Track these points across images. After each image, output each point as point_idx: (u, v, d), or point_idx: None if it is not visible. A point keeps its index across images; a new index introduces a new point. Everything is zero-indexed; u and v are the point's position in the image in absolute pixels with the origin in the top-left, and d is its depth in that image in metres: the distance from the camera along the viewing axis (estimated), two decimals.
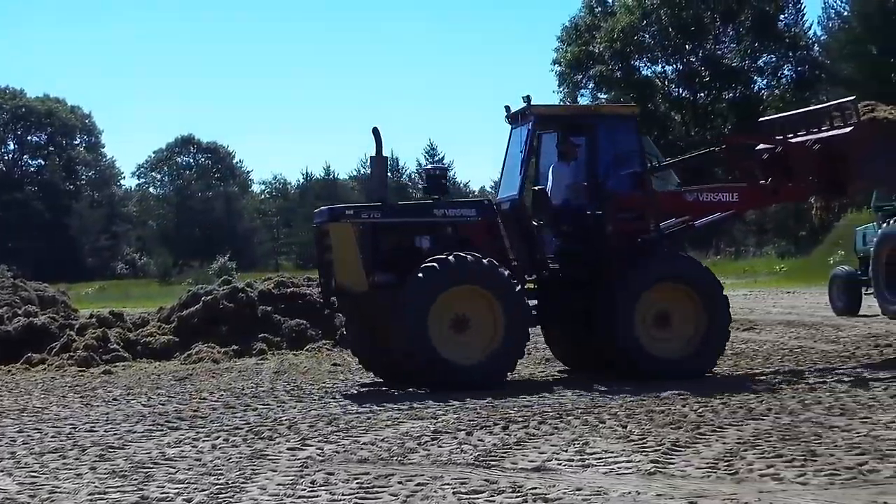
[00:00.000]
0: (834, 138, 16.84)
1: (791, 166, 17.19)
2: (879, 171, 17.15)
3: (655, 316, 15.74)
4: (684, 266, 16.33)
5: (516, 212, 16.18)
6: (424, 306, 14.93)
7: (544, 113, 16.84)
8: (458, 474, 9.18)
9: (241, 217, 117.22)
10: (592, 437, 10.71)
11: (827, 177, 17.06)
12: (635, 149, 16.34)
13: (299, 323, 22.60)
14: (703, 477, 8.77)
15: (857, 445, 9.70)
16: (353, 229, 15.70)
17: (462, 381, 14.74)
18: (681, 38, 78.46)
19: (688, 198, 16.95)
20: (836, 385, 13.85)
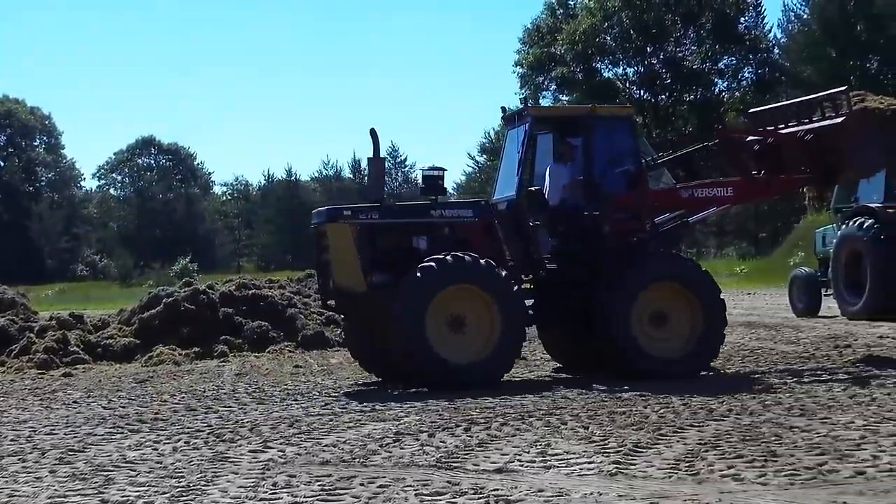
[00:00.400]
0: (826, 128, 16.96)
1: (783, 157, 17.31)
2: (871, 159, 17.31)
3: (652, 315, 15.86)
4: (681, 266, 16.53)
5: (513, 212, 16.24)
6: (422, 306, 14.99)
7: (541, 114, 17.04)
8: (421, 476, 9.18)
9: (203, 219, 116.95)
10: (554, 438, 10.72)
11: (819, 167, 17.21)
12: (631, 149, 16.47)
13: (261, 325, 22.56)
14: (664, 478, 8.80)
15: (817, 446, 9.75)
16: (351, 230, 15.76)
17: (459, 381, 14.80)
18: (642, 41, 78.72)
19: (683, 194, 17.06)
20: (796, 385, 13.93)
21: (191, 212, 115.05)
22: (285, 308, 23.44)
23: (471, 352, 15.26)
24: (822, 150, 16.96)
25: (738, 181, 17.38)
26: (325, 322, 23.52)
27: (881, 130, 16.97)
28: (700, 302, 15.91)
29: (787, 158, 17.25)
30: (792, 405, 12.21)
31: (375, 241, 15.95)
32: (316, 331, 22.65)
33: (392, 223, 16.25)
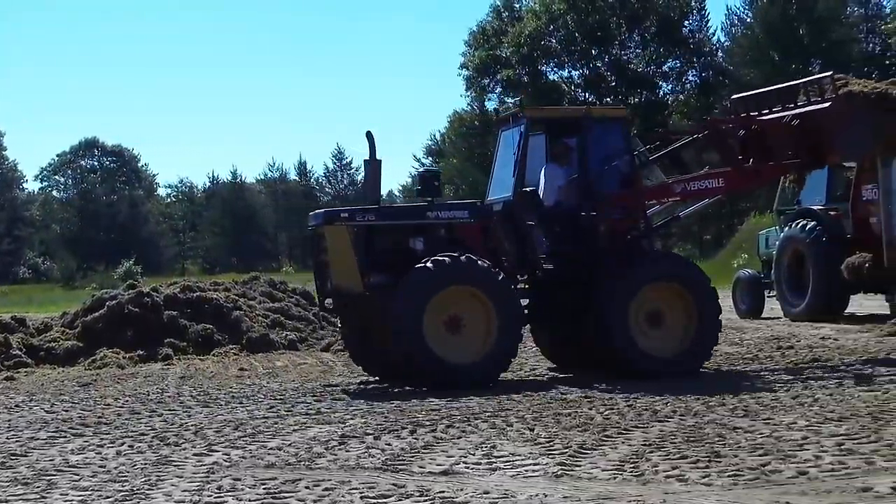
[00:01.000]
0: (812, 113, 17.15)
1: (768, 144, 17.51)
2: (858, 142, 17.54)
3: (648, 314, 16.02)
4: (678, 265, 16.82)
5: (509, 213, 16.35)
6: (420, 306, 15.12)
7: (536, 115, 17.19)
8: (366, 479, 9.16)
9: (147, 221, 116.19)
10: (500, 440, 10.74)
11: (806, 151, 17.39)
12: (625, 149, 16.62)
13: (206, 327, 22.45)
14: (609, 479, 8.83)
15: (760, 446, 9.82)
16: (349, 231, 15.89)
17: (457, 381, 14.89)
18: (587, 44, 79.07)
19: (676, 189, 17.25)
20: (739, 387, 14.01)
21: (135, 214, 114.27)
22: (230, 311, 23.34)
23: (468, 352, 15.39)
24: (809, 135, 17.19)
25: (729, 171, 17.54)
26: (270, 325, 23.45)
27: (866, 114, 17.23)
28: (696, 302, 16.10)
29: (772, 144, 17.48)
30: (735, 406, 12.30)
31: (373, 243, 16.08)
32: (261, 333, 22.57)
33: (389, 224, 16.38)
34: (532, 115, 16.96)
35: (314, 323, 24.54)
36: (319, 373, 18.07)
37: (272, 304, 24.98)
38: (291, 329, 23.50)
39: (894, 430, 10.32)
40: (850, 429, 10.50)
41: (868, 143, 17.70)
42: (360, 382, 16.62)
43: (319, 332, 23.98)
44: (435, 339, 15.18)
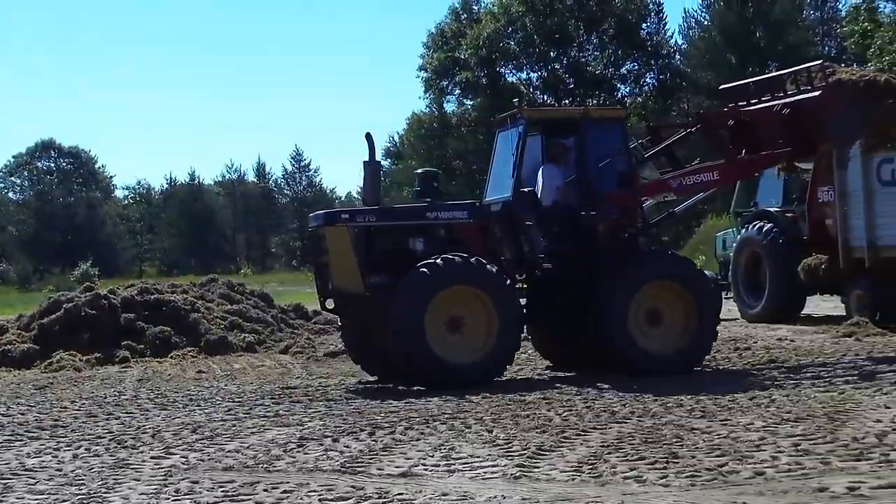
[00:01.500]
0: (803, 101, 17.32)
1: (758, 133, 17.65)
2: (849, 130, 17.70)
3: (647, 313, 16.19)
4: (677, 264, 16.95)
5: (508, 213, 16.48)
6: (422, 306, 15.27)
7: (535, 116, 17.38)
8: (325, 481, 9.15)
9: (104, 223, 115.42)
10: (458, 442, 10.75)
11: (797, 139, 17.55)
12: (623, 148, 16.76)
13: (163, 330, 22.33)
14: (567, 480, 8.86)
15: (718, 447, 9.87)
16: (349, 232, 15.99)
17: (457, 380, 14.98)
18: (545, 46, 79.15)
19: (672, 184, 17.42)
20: (696, 388, 14.07)
21: (92, 216, 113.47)
22: (188, 313, 23.23)
23: (468, 351, 15.56)
24: (800, 123, 17.36)
25: (723, 164, 17.72)
26: (228, 327, 23.36)
27: (856, 102, 17.41)
28: (696, 301, 16.29)
29: (763, 134, 17.65)
30: (693, 407, 12.35)
31: (373, 243, 16.21)
32: (219, 336, 22.48)
33: (389, 225, 16.52)
34: (531, 115, 17.14)
35: (272, 325, 24.47)
36: (278, 375, 18.03)
37: (230, 306, 24.89)
38: (250, 331, 23.42)
39: (850, 431, 10.39)
40: (806, 429, 10.57)
41: (859, 131, 17.90)
42: (358, 382, 16.75)
43: (278, 335, 23.92)
44: (435, 339, 15.32)
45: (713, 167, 17.68)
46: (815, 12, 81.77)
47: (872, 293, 21.49)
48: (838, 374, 15.07)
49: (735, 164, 17.85)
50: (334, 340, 24.37)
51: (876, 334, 19.88)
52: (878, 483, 8.19)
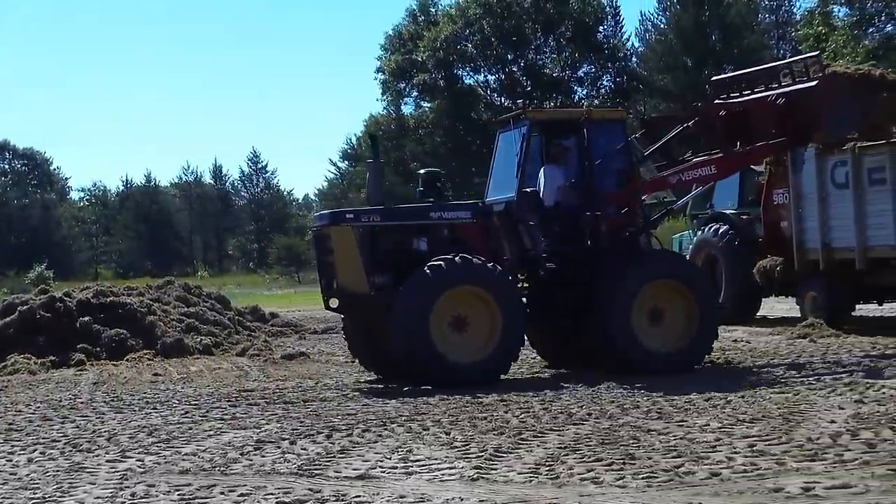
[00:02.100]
0: (800, 92, 17.41)
1: (752, 123, 17.77)
2: (844, 121, 17.86)
3: (649, 312, 16.38)
4: (679, 264, 17.46)
5: (511, 213, 16.64)
6: (427, 306, 15.41)
7: (538, 117, 17.52)
8: (282, 484, 9.13)
9: (59, 225, 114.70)
10: (416, 444, 10.75)
11: (791, 129, 17.66)
12: (624, 148, 16.95)
13: (119, 332, 22.18)
14: (525, 482, 8.87)
15: (674, 448, 9.91)
16: (354, 232, 16.15)
17: (461, 380, 15.13)
18: (502, 48, 79.30)
19: (672, 180, 17.59)
20: (653, 389, 14.13)
21: (47, 218, 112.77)
22: (144, 315, 23.09)
23: (472, 351, 15.70)
24: (795, 113, 17.45)
25: (720, 157, 17.84)
26: (184, 329, 23.25)
27: (852, 93, 17.64)
28: (697, 300, 16.50)
29: (756, 124, 17.76)
30: (649, 409, 12.40)
31: (377, 243, 16.36)
32: (175, 338, 22.35)
33: (393, 225, 16.70)
34: (534, 117, 17.32)
35: (229, 327, 24.39)
36: (234, 378, 17.95)
37: (187, 308, 24.78)
38: (206, 334, 23.31)
39: (804, 432, 10.46)
40: (761, 430, 10.64)
41: (853, 123, 18.07)
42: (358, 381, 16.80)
43: (234, 337, 23.84)
44: (440, 339, 15.47)
45: (710, 161, 17.84)
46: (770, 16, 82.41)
47: (826, 294, 21.65)
48: (793, 375, 15.16)
49: (732, 157, 17.99)
50: (291, 343, 24.40)
51: (830, 335, 20.02)
52: (832, 483, 8.25)
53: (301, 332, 27.29)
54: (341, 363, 19.65)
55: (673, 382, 14.67)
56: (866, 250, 20.79)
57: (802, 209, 22.23)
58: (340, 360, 20.12)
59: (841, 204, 21.24)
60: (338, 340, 24.98)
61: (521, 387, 15.00)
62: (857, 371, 15.10)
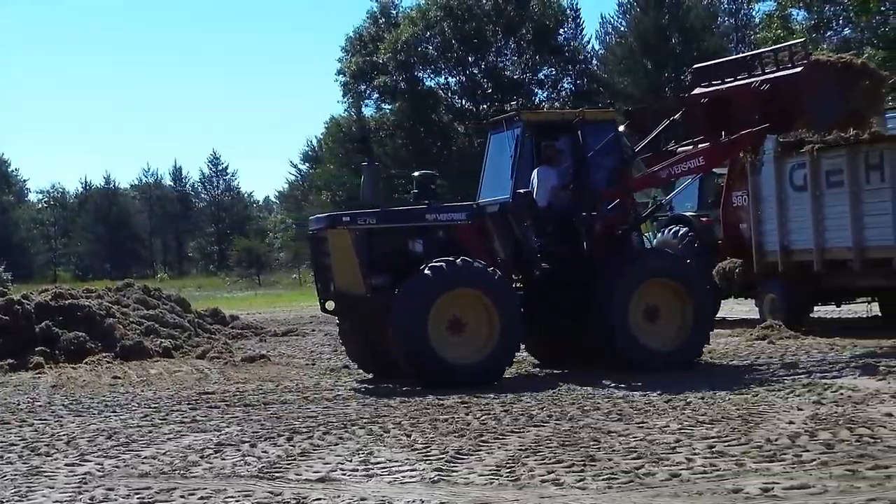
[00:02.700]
0: (784, 78, 17.59)
1: (734, 110, 17.97)
2: (827, 107, 18.02)
3: (645, 311, 16.60)
4: (675, 262, 17.63)
5: (505, 214, 16.81)
6: (425, 307, 15.57)
7: (533, 119, 17.72)
8: (242, 487, 9.11)
9: (18, 227, 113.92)
10: (377, 446, 10.75)
11: (773, 115, 17.82)
12: (616, 149, 17.22)
13: (78, 335, 22.02)
14: (485, 484, 8.89)
15: (634, 449, 9.96)
16: (351, 235, 16.29)
17: (458, 381, 15.22)
18: (463, 51, 79.31)
19: (662, 175, 17.92)
20: (613, 390, 14.18)
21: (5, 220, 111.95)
22: (103, 318, 22.94)
23: (470, 352, 15.87)
24: (779, 100, 17.62)
25: (707, 148, 18.06)
26: (144, 332, 23.11)
27: (835, 81, 17.84)
28: (693, 298, 16.72)
29: (738, 112, 17.94)
30: (610, 410, 12.45)
31: (373, 245, 16.48)
32: (135, 341, 22.21)
33: (389, 227, 16.84)
34: (528, 118, 17.49)
35: (189, 330, 24.27)
36: (195, 380, 17.88)
37: (146, 311, 24.64)
38: (166, 336, 23.18)
39: (763, 433, 10.53)
40: (720, 431, 10.70)
41: (836, 109, 18.19)
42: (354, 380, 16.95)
43: (195, 340, 23.72)
44: (437, 340, 15.60)
45: (698, 153, 18.04)
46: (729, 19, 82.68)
47: (785, 296, 21.78)
48: (752, 376, 15.25)
49: (720, 147, 18.20)
50: (252, 345, 24.32)
51: (789, 337, 20.13)
52: (790, 484, 8.31)
53: (261, 334, 27.19)
54: (302, 365, 19.62)
55: (633, 383, 14.74)
56: (824, 252, 20.93)
57: (761, 211, 22.36)
58: (301, 363, 20.10)
59: (799, 206, 21.38)
60: (298, 343, 24.98)
61: (518, 386, 15.15)
62: (815, 372, 15.21)
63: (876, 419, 11.02)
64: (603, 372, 15.98)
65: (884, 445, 9.66)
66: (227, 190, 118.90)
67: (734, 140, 18.16)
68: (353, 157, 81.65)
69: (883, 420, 10.95)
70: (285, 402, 14.46)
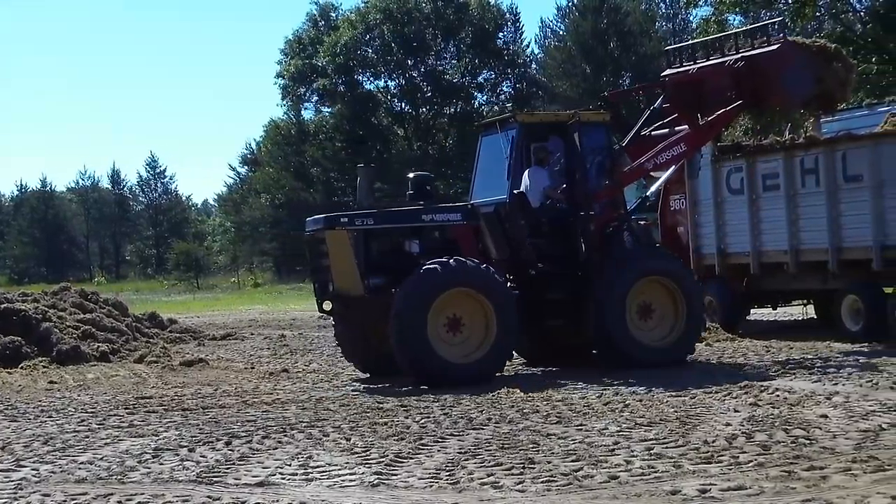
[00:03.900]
0: (760, 54, 17.81)
1: (706, 91, 18.25)
2: (801, 85, 18.11)
3: (639, 308, 16.94)
4: (669, 260, 17.86)
5: (501, 214, 17.04)
6: (425, 306, 15.74)
7: (529, 121, 17.88)
8: (181, 492, 9.06)
9: None
10: (316, 450, 10.72)
11: (747, 92, 17.95)
12: (609, 148, 17.80)
13: (13, 340, 21.80)
14: (425, 487, 8.90)
15: (573, 452, 10.00)
16: (349, 235, 16.43)
17: (456, 379, 15.44)
18: (403, 54, 79.36)
19: (648, 166, 18.04)
20: (552, 393, 14.22)
21: None
22: (39, 322, 22.73)
23: (467, 351, 16.09)
24: (753, 76, 17.83)
25: (686, 133, 18.25)
26: (81, 336, 22.91)
27: (809, 61, 18.13)
28: (685, 295, 17.09)
29: (710, 91, 18.21)
30: (549, 413, 12.48)
31: (371, 246, 16.69)
32: (72, 345, 22.02)
33: (386, 228, 17.04)
34: (525, 120, 17.70)
35: (127, 334, 24.08)
36: (132, 385, 17.75)
37: (83, 315, 24.42)
38: (103, 340, 23.00)
39: (701, 434, 10.61)
40: (658, 433, 10.76)
41: (810, 88, 18.31)
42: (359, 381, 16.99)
43: (132, 344, 23.55)
44: (436, 339, 15.76)
45: (679, 139, 18.24)
46: (667, 24, 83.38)
47: (722, 299, 21.97)
48: (690, 378, 15.33)
49: (700, 131, 18.40)
50: (190, 349, 24.17)
51: (725, 339, 20.34)
52: (727, 485, 8.38)
53: (200, 338, 27.03)
54: (240, 369, 19.54)
55: (570, 387, 14.80)
56: (761, 255, 21.14)
57: (698, 215, 22.55)
58: (240, 367, 20.01)
59: (736, 210, 21.57)
60: (237, 346, 24.88)
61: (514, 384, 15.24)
62: (752, 374, 15.33)
63: (811, 420, 11.14)
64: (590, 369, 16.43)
65: (819, 446, 9.77)
66: (166, 193, 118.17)
67: (711, 122, 18.36)
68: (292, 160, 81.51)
69: (818, 421, 11.06)
70: (224, 406, 14.38)
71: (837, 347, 18.57)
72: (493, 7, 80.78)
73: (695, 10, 52.73)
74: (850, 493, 8.01)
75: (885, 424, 10.74)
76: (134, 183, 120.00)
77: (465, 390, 14.48)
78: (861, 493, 7.97)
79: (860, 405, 12.06)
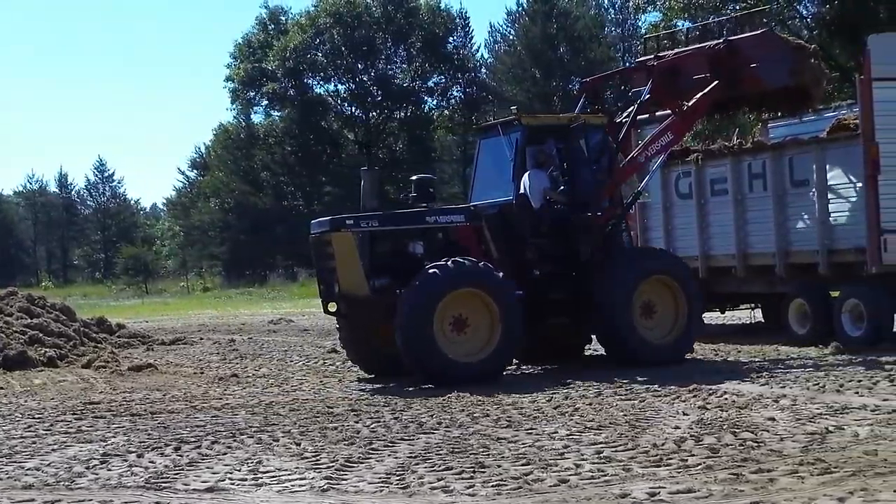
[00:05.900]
0: (742, 38, 18.42)
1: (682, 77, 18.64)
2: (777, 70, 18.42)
3: (642, 307, 17.28)
4: (670, 261, 18.35)
5: (505, 216, 17.34)
6: (431, 306, 15.92)
7: (532, 123, 18.04)
8: (129, 498, 9.01)
9: None
10: (266, 455, 10.68)
11: (724, 73, 18.30)
12: (608, 149, 18.11)
13: None
14: (375, 492, 8.89)
15: (523, 456, 10.02)
16: (354, 237, 16.60)
17: (461, 378, 15.60)
18: (353, 58, 79.31)
19: (640, 160, 18.46)
20: (503, 397, 14.24)
21: None
22: None
23: (472, 350, 16.29)
24: (732, 58, 18.29)
25: (672, 122, 18.55)
26: (28, 341, 22.72)
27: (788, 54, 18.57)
28: (685, 294, 17.48)
29: (686, 77, 18.55)
30: (499, 417, 12.50)
31: (376, 247, 16.85)
32: (18, 350, 21.83)
33: (391, 230, 17.24)
34: (528, 122, 17.90)
35: (74, 339, 23.90)
36: (80, 390, 17.61)
37: (30, 319, 24.21)
38: (51, 345, 22.81)
39: (650, 438, 10.66)
40: (608, 437, 10.81)
41: (784, 77, 18.59)
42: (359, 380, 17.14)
43: (80, 349, 23.37)
44: (442, 339, 15.93)
45: (666, 128, 18.59)
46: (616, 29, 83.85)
47: None
48: (639, 382, 15.41)
49: (683, 117, 18.65)
50: (139, 354, 24.01)
51: None
52: (676, 488, 8.42)
53: (149, 343, 26.86)
54: (189, 374, 19.44)
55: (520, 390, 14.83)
56: (709, 259, 21.32)
57: (647, 219, 22.69)
58: (188, 372, 19.90)
59: (684, 214, 21.76)
60: (186, 351, 24.74)
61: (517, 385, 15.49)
62: (700, 378, 15.41)
63: (759, 423, 11.22)
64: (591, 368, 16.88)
65: (767, 449, 9.84)
66: (114, 197, 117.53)
67: (693, 107, 18.58)
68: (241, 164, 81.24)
69: (766, 424, 11.15)
70: (173, 411, 14.30)
71: (785, 351, 18.76)
72: (442, 12, 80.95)
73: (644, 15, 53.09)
74: (797, 495, 8.08)
75: (831, 427, 10.84)
76: (82, 187, 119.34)
77: (466, 389, 14.67)
78: (808, 496, 8.03)
79: (807, 408, 12.17)
